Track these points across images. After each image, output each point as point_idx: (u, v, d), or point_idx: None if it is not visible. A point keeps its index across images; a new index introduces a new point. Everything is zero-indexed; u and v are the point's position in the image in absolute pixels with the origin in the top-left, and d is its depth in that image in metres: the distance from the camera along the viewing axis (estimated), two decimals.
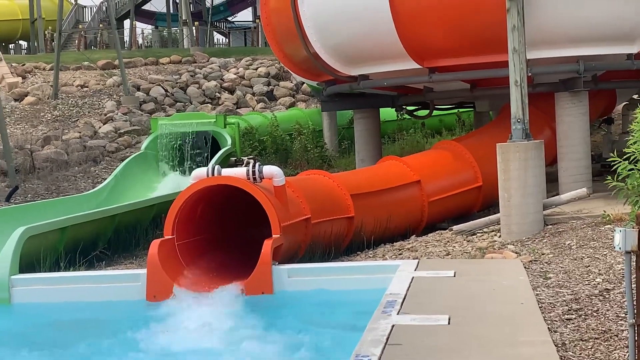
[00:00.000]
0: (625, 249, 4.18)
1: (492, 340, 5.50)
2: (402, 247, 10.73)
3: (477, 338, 5.55)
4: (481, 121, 17.73)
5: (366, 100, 16.26)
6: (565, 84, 12.55)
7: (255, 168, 8.98)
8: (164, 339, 7.10)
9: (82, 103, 25.28)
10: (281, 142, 19.96)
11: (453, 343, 5.43)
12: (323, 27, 13.61)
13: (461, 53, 12.46)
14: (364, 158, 16.26)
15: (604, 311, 6.53)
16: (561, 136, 12.62)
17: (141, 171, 17.14)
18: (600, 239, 9.15)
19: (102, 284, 8.75)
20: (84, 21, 44.18)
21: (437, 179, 12.66)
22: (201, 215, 9.60)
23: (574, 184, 12.03)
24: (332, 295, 8.19)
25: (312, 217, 10.12)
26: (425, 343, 5.42)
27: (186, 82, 27.24)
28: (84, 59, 30.18)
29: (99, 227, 12.42)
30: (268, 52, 27.95)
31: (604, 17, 11.82)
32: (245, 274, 8.53)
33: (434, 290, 7.12)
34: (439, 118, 21.71)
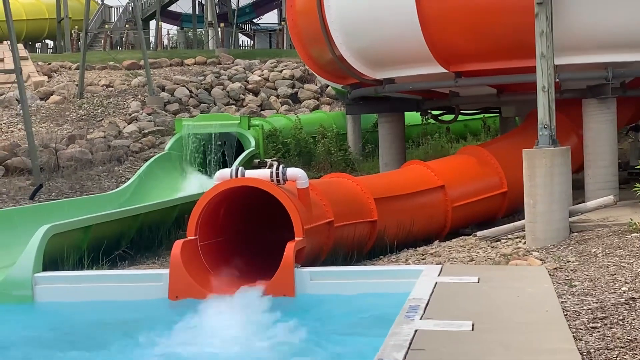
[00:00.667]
0: None
1: (516, 348, 5.43)
2: (426, 252, 10.68)
3: (501, 345, 5.49)
4: (507, 127, 17.62)
5: (391, 104, 16.21)
6: (593, 90, 12.45)
7: (279, 170, 8.97)
8: (185, 339, 7.09)
9: (107, 103, 25.42)
10: (305, 145, 19.95)
11: (476, 349, 5.37)
12: (349, 30, 13.59)
13: (488, 58, 12.40)
14: (387, 162, 16.22)
15: (630, 320, 6.45)
16: (588, 143, 12.52)
17: (165, 171, 17.17)
18: (627, 247, 9.06)
19: (124, 283, 8.76)
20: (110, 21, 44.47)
21: (461, 184, 12.59)
22: (224, 217, 9.59)
23: (600, 191, 11.92)
24: (355, 299, 8.15)
25: (335, 220, 10.09)
26: (449, 349, 5.37)
27: (211, 83, 27.31)
28: (110, 59, 30.35)
29: (122, 227, 12.46)
30: (293, 55, 27.98)
31: (633, 23, 11.72)
32: (267, 276, 8.51)
33: (457, 295, 7.07)
34: (464, 123, 21.63)
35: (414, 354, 5.21)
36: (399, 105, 16.28)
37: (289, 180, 9.13)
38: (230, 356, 6.66)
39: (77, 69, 27.90)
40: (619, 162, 13.88)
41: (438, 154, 18.30)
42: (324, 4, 13.75)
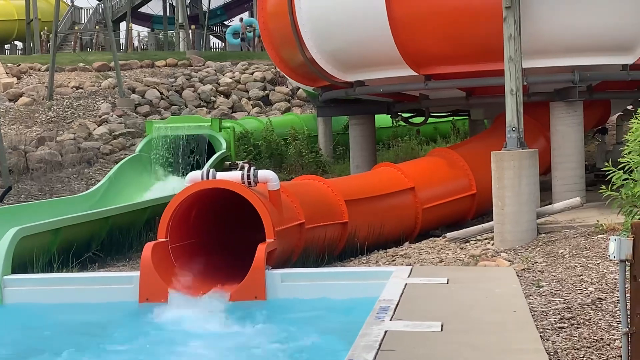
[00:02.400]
0: (619, 257, 4.20)
1: (484, 348, 5.50)
2: (396, 253, 10.74)
3: (470, 345, 5.56)
4: (476, 129, 17.76)
5: (362, 107, 16.28)
6: (560, 93, 12.59)
7: (250, 172, 8.99)
8: (155, 341, 7.09)
9: (77, 104, 25.26)
10: (276, 147, 19.97)
11: (445, 350, 5.43)
12: (320, 33, 13.63)
13: (457, 61, 12.50)
14: (358, 164, 16.28)
15: (596, 320, 6.54)
16: (555, 145, 12.66)
17: (135, 173, 17.10)
18: (593, 248, 9.18)
19: (94, 285, 8.74)
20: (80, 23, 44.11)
21: (431, 186, 12.68)
22: (195, 219, 9.59)
23: (567, 193, 12.06)
24: (325, 300, 8.19)
25: (306, 222, 10.13)
26: (418, 349, 5.42)
27: (182, 85, 27.23)
28: (80, 61, 30.14)
29: (92, 229, 12.40)
30: (264, 57, 27.93)
31: (600, 27, 11.87)
32: (238, 278, 8.53)
33: (427, 297, 7.13)
34: (434, 125, 21.75)
35: (384, 355, 5.26)
36: (370, 108, 16.35)
37: (260, 183, 9.15)
38: (199, 357, 6.67)
39: (46, 71, 27.68)
40: (586, 164, 14.05)
41: (408, 156, 18.41)
42: (295, 6, 13.78)
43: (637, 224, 4.14)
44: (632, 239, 4.14)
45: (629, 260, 4.18)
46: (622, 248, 4.16)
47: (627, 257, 4.16)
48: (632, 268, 4.18)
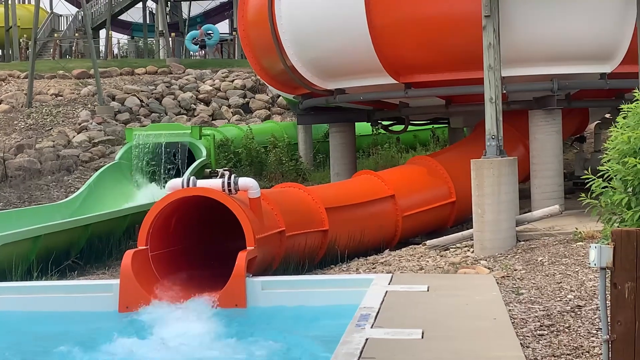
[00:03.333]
0: (600, 265, 4.23)
1: (464, 355, 5.52)
2: (376, 261, 10.76)
3: (450, 352, 5.57)
4: (455, 137, 17.85)
5: (342, 115, 16.32)
6: (539, 102, 12.68)
7: (231, 180, 8.98)
8: (135, 350, 7.05)
9: (56, 112, 25.13)
10: (256, 155, 19.96)
11: (426, 357, 5.44)
12: (300, 41, 13.66)
13: (437, 69, 12.57)
14: (338, 172, 16.31)
15: (575, 327, 6.58)
16: (534, 153, 12.74)
17: (115, 181, 17.05)
18: (572, 255, 9.24)
19: (74, 294, 8.67)
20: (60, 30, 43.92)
21: (411, 194, 12.72)
22: (175, 227, 9.56)
23: (546, 200, 12.14)
24: (306, 308, 8.18)
25: (287, 229, 10.13)
26: (399, 357, 5.43)
27: (162, 92, 27.16)
28: (59, 68, 30.00)
29: (71, 237, 12.34)
30: (244, 65, 27.94)
31: (578, 36, 11.97)
32: (219, 286, 8.50)
33: (407, 304, 7.14)
34: (413, 133, 21.84)
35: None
36: (350, 116, 16.40)
37: (240, 190, 9.14)
38: None
39: (25, 78, 27.51)
40: (565, 172, 14.15)
41: (388, 164, 18.46)
42: (275, 14, 13.81)
43: (618, 231, 4.18)
44: (613, 246, 4.17)
45: (610, 267, 4.21)
46: (603, 255, 4.19)
47: (607, 265, 4.19)
48: (613, 275, 4.21)
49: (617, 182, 5.58)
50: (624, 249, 4.13)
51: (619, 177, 5.57)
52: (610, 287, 4.22)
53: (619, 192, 5.55)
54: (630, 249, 4.11)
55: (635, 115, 5.61)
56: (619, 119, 5.76)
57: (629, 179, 5.45)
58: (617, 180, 5.58)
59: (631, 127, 5.57)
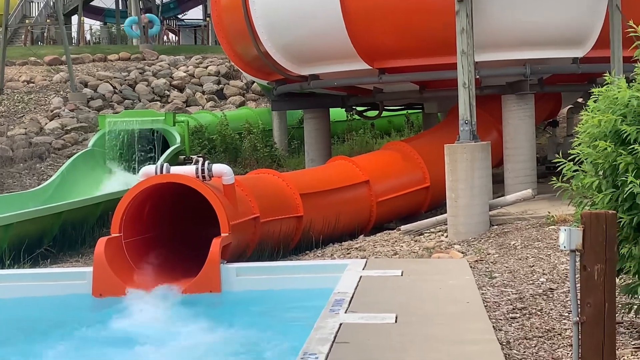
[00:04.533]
0: (570, 247, 4.26)
1: (438, 339, 5.55)
2: (351, 246, 10.78)
3: (424, 336, 5.60)
4: (430, 122, 17.89)
5: (316, 100, 16.30)
6: (512, 86, 12.73)
7: (205, 166, 8.94)
8: (109, 336, 7.03)
9: (28, 99, 24.88)
10: (231, 141, 19.89)
11: (400, 341, 5.47)
12: (274, 26, 13.61)
13: (411, 54, 12.57)
14: (313, 158, 16.30)
15: (547, 310, 6.64)
16: (507, 138, 12.80)
17: (88, 168, 16.94)
18: (545, 239, 9.31)
19: (47, 281, 8.62)
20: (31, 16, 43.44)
21: (385, 179, 12.75)
22: (149, 213, 9.52)
23: (519, 185, 12.21)
24: (280, 294, 8.19)
25: (261, 216, 10.12)
26: (373, 341, 5.45)
27: (135, 79, 26.96)
28: (31, 55, 29.68)
29: (44, 225, 12.25)
30: (218, 51, 27.78)
31: (551, 21, 12.03)
32: (193, 273, 8.48)
33: (381, 289, 7.17)
34: (388, 119, 21.86)
35: (338, 347, 5.28)
36: (324, 102, 16.38)
37: (214, 177, 9.11)
38: (154, 351, 6.63)
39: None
40: (538, 156, 14.23)
41: (363, 150, 18.47)
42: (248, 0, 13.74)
43: (587, 214, 4.21)
44: (582, 229, 4.20)
45: (579, 250, 4.24)
46: (572, 238, 4.22)
47: (577, 247, 4.22)
48: (582, 258, 4.25)
49: (588, 165, 5.62)
50: (593, 231, 4.17)
51: (589, 161, 5.61)
52: (580, 269, 4.25)
53: (590, 175, 5.59)
54: (600, 231, 4.15)
55: (605, 99, 5.64)
56: (589, 103, 5.80)
57: (600, 162, 5.49)
58: (588, 164, 5.62)
59: (602, 110, 5.60)
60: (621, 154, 5.31)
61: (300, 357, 5.02)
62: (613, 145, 5.41)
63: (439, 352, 5.24)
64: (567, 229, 4.23)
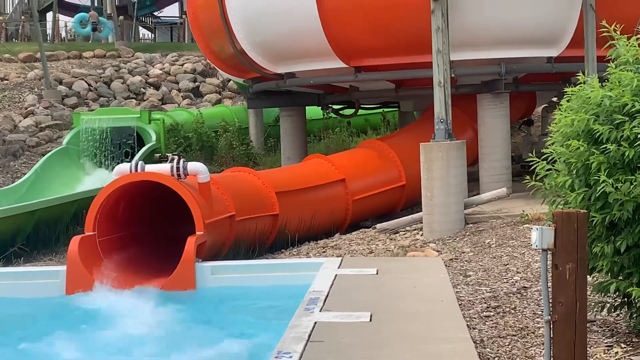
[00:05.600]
0: (542, 246, 4.28)
1: (412, 337, 5.57)
2: (326, 245, 10.79)
3: (398, 335, 5.62)
4: (406, 121, 17.93)
5: (292, 99, 16.29)
6: (488, 85, 12.79)
7: (180, 164, 8.91)
8: (82, 335, 6.99)
9: (2, 96, 24.67)
10: (207, 139, 19.83)
11: (374, 340, 5.48)
12: (250, 24, 13.58)
13: (387, 53, 12.60)
14: (289, 156, 16.29)
15: (521, 309, 6.67)
16: (482, 137, 12.86)
17: (62, 166, 16.81)
18: (519, 237, 9.36)
19: (20, 280, 8.56)
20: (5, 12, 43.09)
21: (361, 177, 12.76)
22: (124, 212, 9.47)
23: (494, 183, 12.27)
24: (256, 293, 8.18)
25: (237, 214, 10.09)
26: (347, 340, 5.46)
27: (110, 76, 26.80)
28: (5, 51, 29.43)
29: (17, 223, 12.15)
30: (194, 48, 27.66)
31: (526, 20, 12.09)
32: (168, 271, 8.46)
33: (356, 287, 7.18)
34: (364, 117, 21.88)
35: (313, 346, 5.28)
36: (301, 100, 16.37)
37: (189, 175, 9.08)
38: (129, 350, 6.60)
39: None
40: (513, 155, 14.31)
41: (339, 148, 18.48)
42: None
43: (558, 213, 4.23)
44: (554, 228, 4.22)
45: (551, 249, 4.26)
46: (544, 237, 4.24)
47: (549, 246, 4.25)
48: (554, 257, 4.27)
49: (561, 164, 5.65)
50: (565, 230, 4.19)
51: (562, 160, 5.64)
52: (551, 268, 4.27)
53: (563, 174, 5.63)
54: (571, 230, 4.17)
55: (578, 99, 5.68)
56: (563, 102, 5.83)
57: (573, 161, 5.52)
58: (561, 163, 5.65)
59: (575, 110, 5.63)
60: (594, 153, 5.34)
61: (275, 355, 5.02)
62: (586, 144, 5.44)
63: (413, 350, 5.25)
64: (539, 228, 4.25)
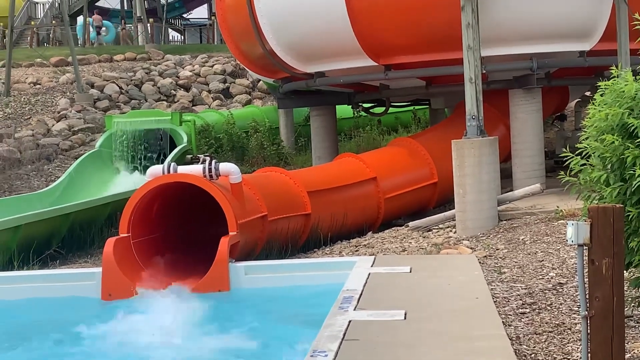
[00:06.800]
0: (577, 242, 4.25)
1: (447, 335, 5.54)
2: (359, 243, 10.77)
3: (433, 333, 5.60)
4: (437, 118, 17.86)
5: (322, 98, 16.29)
6: (519, 81, 12.70)
7: (212, 165, 8.95)
8: (119, 337, 7.05)
9: (35, 100, 24.93)
10: (237, 140, 19.90)
11: (409, 338, 5.47)
12: (279, 24, 13.60)
13: (417, 50, 12.54)
14: (320, 155, 16.30)
15: (557, 305, 6.62)
16: (515, 133, 12.77)
17: (96, 169, 16.97)
18: (554, 234, 9.28)
19: (57, 282, 8.65)
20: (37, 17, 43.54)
21: (393, 175, 12.73)
22: (157, 213, 9.53)
23: (527, 180, 12.18)
24: (289, 292, 8.20)
25: (269, 214, 10.11)
26: (382, 338, 5.45)
27: (141, 79, 26.98)
28: (37, 56, 29.74)
29: (53, 226, 12.28)
30: (224, 49, 27.77)
31: (557, 14, 11.99)
32: (202, 272, 8.50)
33: (390, 286, 7.16)
34: (395, 115, 21.82)
35: (348, 344, 5.28)
36: (331, 99, 16.36)
37: (221, 176, 9.11)
38: (164, 351, 6.64)
39: (2, 67, 27.24)
40: (546, 150, 14.19)
41: (370, 147, 18.44)
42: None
43: (594, 208, 4.19)
44: (589, 223, 4.19)
45: (587, 244, 4.22)
46: (580, 232, 4.21)
47: (584, 242, 4.21)
48: (590, 252, 4.23)
49: (596, 159, 5.59)
50: (601, 225, 4.15)
51: (597, 155, 5.58)
52: (588, 263, 4.24)
53: (598, 169, 5.57)
54: (607, 225, 4.13)
55: (612, 93, 5.61)
56: (596, 97, 5.77)
57: (607, 155, 5.46)
58: (596, 158, 5.59)
59: (608, 104, 5.57)
60: (628, 147, 5.28)
61: (310, 354, 5.02)
62: (620, 138, 5.38)
63: (448, 348, 5.24)
64: (575, 223, 4.21)
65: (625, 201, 5.37)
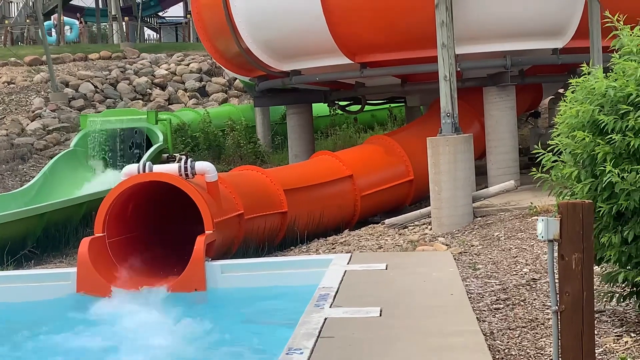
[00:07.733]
0: (547, 237, 4.30)
1: (422, 331, 5.58)
2: (335, 241, 10.80)
3: (408, 329, 5.64)
4: (412, 116, 17.93)
5: (299, 96, 16.31)
6: (493, 78, 12.78)
7: (187, 164, 8.94)
8: (93, 337, 7.03)
9: (9, 100, 24.75)
10: (214, 138, 19.86)
11: (384, 334, 5.50)
12: (254, 22, 13.60)
13: (392, 48, 12.60)
14: (297, 153, 16.32)
15: (530, 300, 6.69)
16: (489, 130, 12.85)
17: (71, 169, 16.86)
18: (527, 230, 9.36)
19: (31, 283, 8.60)
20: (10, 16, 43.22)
21: (369, 173, 12.76)
22: (133, 213, 9.51)
23: (502, 176, 12.27)
24: (266, 290, 8.21)
25: (245, 212, 10.12)
26: (357, 335, 5.48)
27: (116, 78, 26.86)
28: (11, 55, 29.52)
29: (27, 226, 12.20)
30: (200, 48, 27.71)
31: (530, 12, 12.07)
32: (178, 271, 8.49)
33: (366, 283, 7.20)
34: (371, 113, 21.88)
35: (323, 342, 5.30)
36: (307, 97, 16.38)
37: (197, 174, 9.10)
38: (140, 351, 6.63)
39: None
40: (520, 147, 14.29)
41: (346, 144, 18.48)
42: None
43: (564, 204, 4.24)
44: (559, 219, 4.24)
45: (557, 239, 4.27)
46: (550, 228, 4.26)
47: (555, 237, 4.26)
48: (560, 247, 4.28)
49: (567, 156, 5.66)
50: (570, 221, 4.20)
51: (568, 151, 5.64)
52: (558, 258, 4.29)
53: (569, 165, 5.63)
54: (577, 220, 4.18)
55: (583, 90, 5.68)
56: (567, 94, 5.83)
57: (578, 152, 5.53)
58: (567, 154, 5.66)
59: (579, 101, 5.64)
60: (599, 143, 5.35)
61: (285, 352, 5.04)
62: (591, 135, 5.45)
63: (423, 344, 5.27)
64: (545, 219, 4.26)
65: (596, 197, 5.44)
